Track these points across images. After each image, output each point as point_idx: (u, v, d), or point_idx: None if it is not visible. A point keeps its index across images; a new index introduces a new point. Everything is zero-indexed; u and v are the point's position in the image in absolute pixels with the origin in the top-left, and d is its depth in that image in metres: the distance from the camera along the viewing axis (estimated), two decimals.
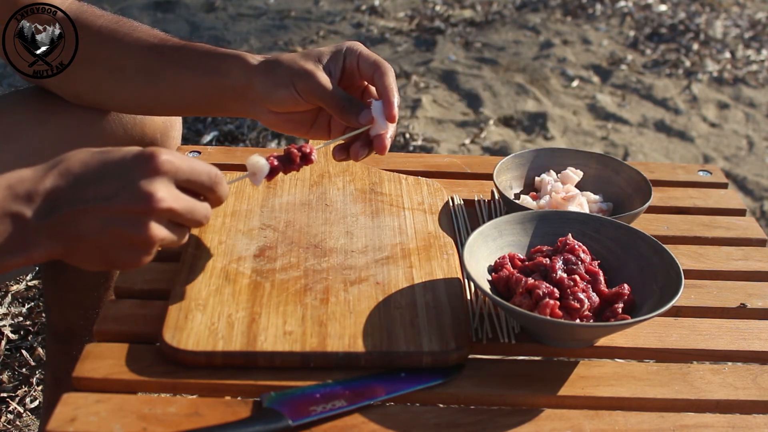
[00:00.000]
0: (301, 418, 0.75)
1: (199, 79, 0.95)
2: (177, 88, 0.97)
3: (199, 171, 0.75)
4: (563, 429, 0.78)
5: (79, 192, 0.70)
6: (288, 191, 1.10)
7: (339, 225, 1.03)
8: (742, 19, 4.06)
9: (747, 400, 0.83)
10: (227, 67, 0.94)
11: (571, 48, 3.61)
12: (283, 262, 0.95)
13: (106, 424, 0.74)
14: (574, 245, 0.91)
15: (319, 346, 0.83)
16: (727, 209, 1.19)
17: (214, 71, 0.94)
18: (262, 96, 0.93)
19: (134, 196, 0.70)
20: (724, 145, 2.90)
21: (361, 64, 0.93)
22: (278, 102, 0.93)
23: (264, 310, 0.87)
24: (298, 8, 3.90)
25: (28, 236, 0.69)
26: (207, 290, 0.90)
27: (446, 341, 0.84)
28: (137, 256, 0.73)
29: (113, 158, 0.72)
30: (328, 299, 0.90)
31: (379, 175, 1.15)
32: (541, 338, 0.88)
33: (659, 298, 0.86)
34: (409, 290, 0.92)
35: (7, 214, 0.68)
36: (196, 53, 0.96)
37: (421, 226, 1.04)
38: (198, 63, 0.95)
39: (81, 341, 1.16)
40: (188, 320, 0.85)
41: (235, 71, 0.93)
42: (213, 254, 0.96)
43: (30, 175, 0.70)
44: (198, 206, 0.75)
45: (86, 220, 0.70)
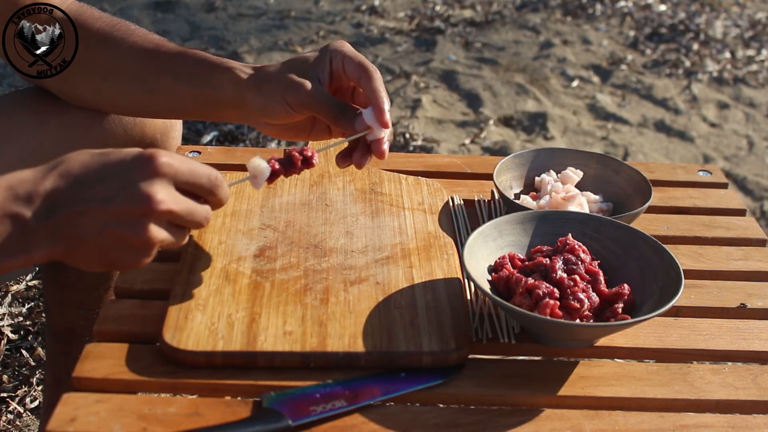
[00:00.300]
0: (301, 418, 0.75)
1: (193, 90, 0.95)
2: (172, 96, 0.97)
3: (199, 173, 0.75)
4: (563, 429, 0.78)
5: (79, 193, 0.70)
6: (288, 191, 1.10)
7: (339, 225, 1.03)
8: (742, 19, 4.06)
9: (747, 400, 0.83)
10: (218, 80, 0.94)
11: (571, 48, 3.61)
12: (283, 262, 0.95)
13: (106, 424, 0.74)
14: (574, 245, 0.91)
15: (319, 346, 0.83)
16: (727, 209, 1.19)
17: (207, 83, 0.94)
18: (255, 110, 0.93)
19: (134, 198, 0.70)
20: (724, 145, 2.90)
21: (347, 67, 0.92)
22: (272, 116, 0.93)
23: (264, 310, 0.87)
24: (298, 8, 3.90)
25: (28, 237, 0.69)
26: (207, 290, 0.90)
27: (446, 341, 0.84)
28: (137, 257, 0.73)
29: (113, 160, 0.72)
30: (328, 299, 0.90)
31: (379, 175, 1.15)
32: (541, 338, 0.88)
33: (659, 298, 0.86)
34: (409, 290, 0.92)
35: (7, 215, 0.68)
36: (190, 62, 0.95)
37: (421, 226, 1.04)
38: (191, 73, 0.95)
39: (81, 341, 1.15)
40: (188, 320, 0.85)
41: (226, 85, 0.93)
42: (213, 254, 0.96)
43: (30, 177, 0.70)
44: (198, 208, 0.75)
45: (86, 222, 0.70)
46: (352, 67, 0.92)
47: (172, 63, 0.96)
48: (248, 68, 0.94)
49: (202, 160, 1.22)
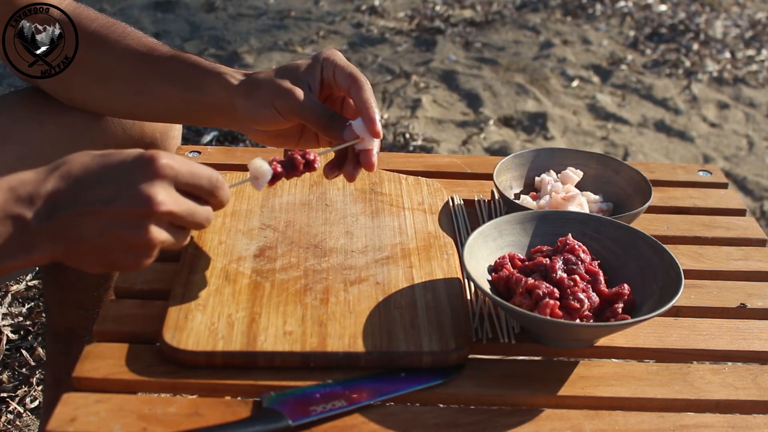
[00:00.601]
0: (300, 418, 0.75)
1: (185, 95, 0.95)
2: (165, 101, 0.97)
3: (199, 175, 0.75)
4: (563, 429, 0.78)
5: (80, 195, 0.70)
6: (288, 191, 1.10)
7: (339, 225, 1.03)
8: (742, 19, 4.06)
9: (747, 400, 0.83)
10: (208, 85, 0.94)
11: (571, 48, 3.61)
12: (283, 262, 0.95)
13: (106, 424, 0.74)
14: (574, 245, 0.91)
15: (319, 346, 0.83)
16: (727, 209, 1.19)
17: (198, 89, 0.94)
18: (245, 116, 0.93)
19: (134, 200, 0.70)
20: (724, 145, 2.90)
21: (338, 77, 0.92)
22: (261, 122, 0.93)
23: (264, 310, 0.88)
24: (298, 8, 3.90)
25: (29, 238, 0.69)
26: (207, 290, 0.90)
27: (446, 341, 0.84)
28: (138, 258, 0.74)
29: (114, 161, 0.72)
30: (328, 299, 0.90)
31: (379, 175, 1.15)
32: (541, 338, 0.88)
33: (659, 298, 0.86)
34: (409, 290, 0.92)
35: (8, 216, 0.68)
36: (182, 66, 0.95)
37: (421, 226, 1.04)
38: (184, 78, 0.95)
39: (81, 341, 1.16)
40: (188, 320, 0.85)
41: (217, 90, 0.93)
42: (213, 254, 0.96)
43: (32, 178, 0.70)
44: (198, 209, 0.75)
45: (86, 223, 0.70)
46: (343, 77, 0.92)
47: (164, 67, 0.96)
48: (239, 74, 0.94)
49: (202, 161, 1.22)
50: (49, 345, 1.26)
